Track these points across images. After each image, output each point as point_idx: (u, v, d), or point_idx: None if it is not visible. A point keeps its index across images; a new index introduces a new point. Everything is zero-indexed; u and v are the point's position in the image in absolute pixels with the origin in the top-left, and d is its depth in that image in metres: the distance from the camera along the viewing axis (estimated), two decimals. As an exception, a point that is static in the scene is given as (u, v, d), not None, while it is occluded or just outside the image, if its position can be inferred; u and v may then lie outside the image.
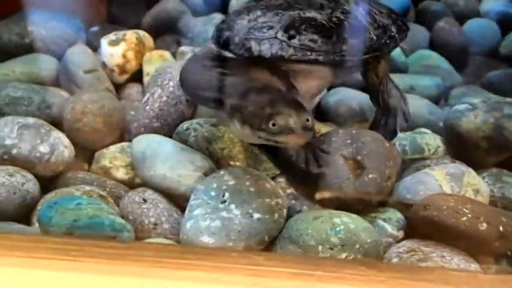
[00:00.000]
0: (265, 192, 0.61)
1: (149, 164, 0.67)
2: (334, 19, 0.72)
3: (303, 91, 0.71)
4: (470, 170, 0.71)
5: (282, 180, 0.75)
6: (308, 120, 0.56)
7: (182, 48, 0.96)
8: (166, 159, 0.67)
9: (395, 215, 0.70)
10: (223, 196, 0.60)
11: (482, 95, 1.08)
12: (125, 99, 0.92)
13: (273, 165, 0.78)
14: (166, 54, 0.95)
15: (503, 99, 0.80)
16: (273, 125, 0.56)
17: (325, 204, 0.70)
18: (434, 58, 1.24)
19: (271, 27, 0.69)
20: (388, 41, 0.75)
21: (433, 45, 1.30)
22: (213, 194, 0.61)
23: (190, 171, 0.66)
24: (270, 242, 0.63)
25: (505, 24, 1.34)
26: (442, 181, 0.70)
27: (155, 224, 0.65)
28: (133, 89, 0.93)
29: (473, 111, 0.79)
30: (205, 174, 0.67)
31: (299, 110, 0.57)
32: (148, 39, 0.98)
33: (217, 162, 0.72)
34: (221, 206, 0.60)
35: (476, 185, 0.70)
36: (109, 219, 0.59)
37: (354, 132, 0.70)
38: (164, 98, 0.78)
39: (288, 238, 0.60)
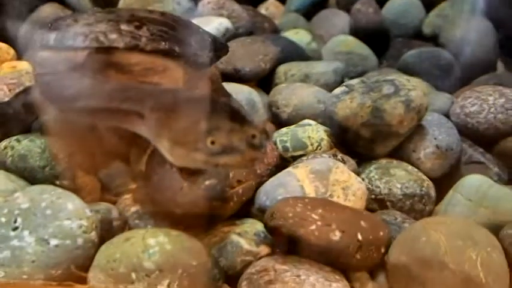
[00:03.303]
0: (65, 214, 0.50)
1: None
2: (170, 17, 0.63)
3: None
4: (339, 164, 0.59)
5: (128, 196, 0.65)
6: (254, 136, 0.44)
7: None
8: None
9: (254, 227, 0.57)
10: (15, 222, 0.50)
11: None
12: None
13: (129, 178, 0.67)
14: (22, 64, 0.83)
15: (385, 76, 0.68)
16: (212, 143, 0.44)
17: (167, 222, 0.59)
18: (350, 43, 1.12)
19: (110, 20, 0.58)
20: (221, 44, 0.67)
21: (353, 30, 1.19)
22: (3, 220, 0.50)
23: (-14, 197, 0.55)
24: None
25: (429, 1, 1.24)
26: (305, 181, 0.58)
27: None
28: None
29: (349, 93, 0.67)
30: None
31: (244, 122, 0.45)
32: (6, 51, 0.87)
33: (42, 183, 0.60)
34: (12, 233, 0.49)
35: (346, 182, 0.57)
36: None
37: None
38: (-17, 117, 0.66)
39: (98, 266, 0.49)
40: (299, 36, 1.11)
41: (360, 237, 0.49)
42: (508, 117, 0.69)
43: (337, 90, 0.68)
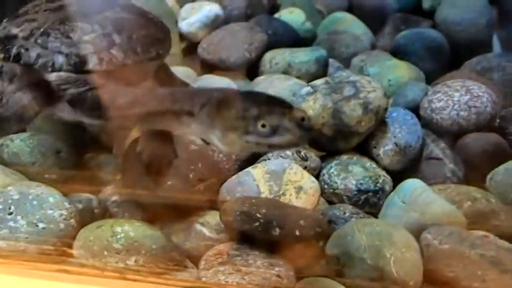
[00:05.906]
0: (48, 205, 0.67)
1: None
2: (138, 13, 0.73)
3: None
4: (294, 165, 0.70)
5: (110, 187, 0.78)
6: (303, 119, 0.54)
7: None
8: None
9: (215, 219, 0.70)
10: (10, 209, 0.67)
11: (382, 61, 1.04)
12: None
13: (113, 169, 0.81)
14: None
15: (348, 77, 0.77)
16: (263, 126, 0.54)
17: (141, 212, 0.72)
18: (346, 21, 1.19)
19: (105, 36, 0.67)
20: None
21: (351, 5, 1.25)
22: (1, 206, 0.67)
23: (-13, 188, 0.72)
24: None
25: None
26: (261, 181, 0.69)
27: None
28: None
29: (313, 94, 0.76)
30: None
31: (291, 106, 0.55)
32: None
33: (34, 177, 0.75)
34: (8, 217, 0.66)
35: (298, 181, 0.69)
36: None
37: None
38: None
39: (78, 243, 0.65)
40: (293, 16, 1.18)
41: (297, 233, 0.61)
42: (470, 115, 0.78)
43: (303, 90, 0.78)
